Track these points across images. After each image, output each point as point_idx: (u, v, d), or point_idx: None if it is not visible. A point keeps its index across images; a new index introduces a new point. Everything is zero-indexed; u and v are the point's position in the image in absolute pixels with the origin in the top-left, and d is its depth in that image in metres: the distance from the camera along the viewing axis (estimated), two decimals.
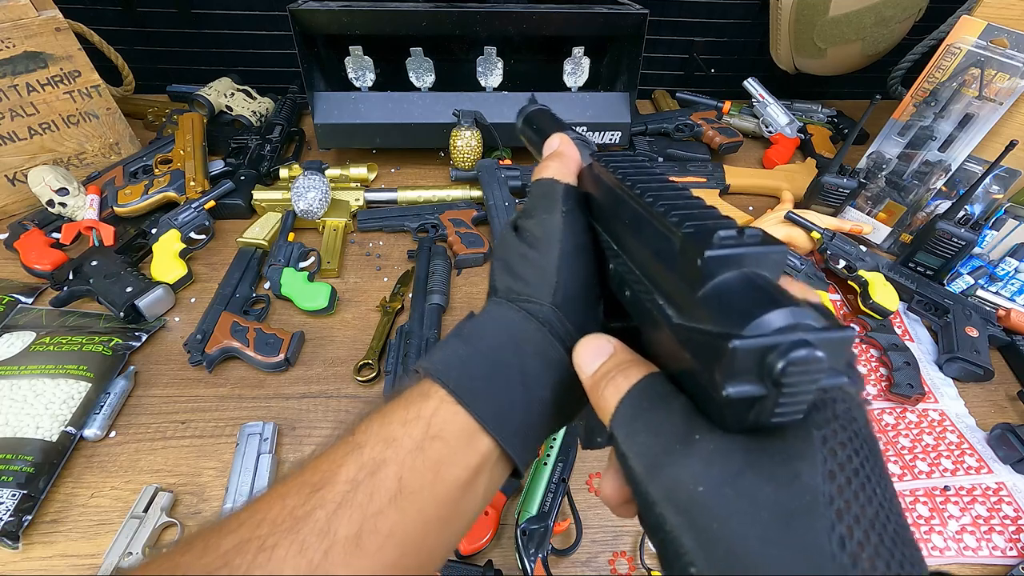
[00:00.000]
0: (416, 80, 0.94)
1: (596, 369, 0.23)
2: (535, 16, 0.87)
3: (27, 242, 0.76)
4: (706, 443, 0.17)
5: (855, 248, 0.81)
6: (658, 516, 0.17)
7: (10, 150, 0.81)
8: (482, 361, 0.26)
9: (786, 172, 1.00)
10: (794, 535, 0.14)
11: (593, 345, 0.24)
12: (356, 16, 0.84)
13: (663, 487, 0.17)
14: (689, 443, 0.17)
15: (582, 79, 0.97)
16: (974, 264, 0.81)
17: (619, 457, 0.20)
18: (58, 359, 0.61)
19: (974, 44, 0.73)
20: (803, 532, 0.14)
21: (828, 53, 1.00)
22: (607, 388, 0.21)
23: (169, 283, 0.73)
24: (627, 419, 0.20)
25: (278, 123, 0.99)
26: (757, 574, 0.14)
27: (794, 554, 0.14)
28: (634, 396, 0.20)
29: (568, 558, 0.54)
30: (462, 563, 0.52)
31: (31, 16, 0.76)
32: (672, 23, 1.16)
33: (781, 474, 0.15)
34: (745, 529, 0.15)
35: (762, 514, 0.15)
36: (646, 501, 0.18)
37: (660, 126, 1.04)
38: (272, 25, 1.11)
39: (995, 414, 0.69)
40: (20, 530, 0.51)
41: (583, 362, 0.24)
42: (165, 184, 0.83)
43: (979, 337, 0.72)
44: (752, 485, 0.15)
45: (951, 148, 0.79)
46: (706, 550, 0.16)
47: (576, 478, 0.59)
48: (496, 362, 0.26)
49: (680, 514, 0.16)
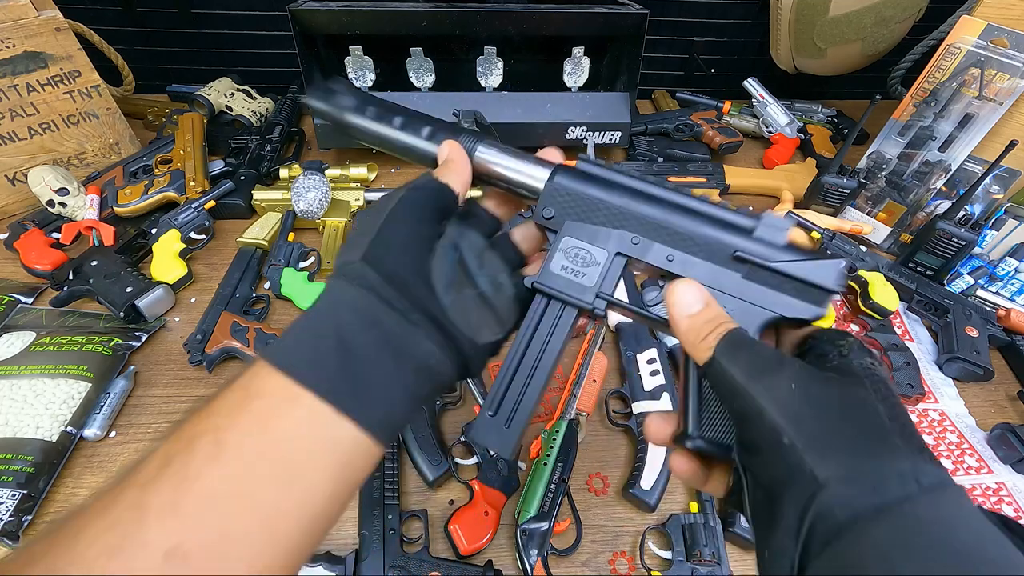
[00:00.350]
0: (416, 80, 0.94)
1: (695, 313, 0.29)
2: (535, 16, 0.87)
3: (27, 242, 0.76)
4: (793, 364, 0.25)
5: (855, 248, 0.81)
6: (758, 407, 0.24)
7: (10, 150, 0.81)
8: (298, 329, 0.27)
9: (786, 172, 1.00)
10: (857, 414, 0.23)
11: (693, 289, 0.29)
12: (356, 16, 0.84)
13: (765, 387, 0.24)
14: (781, 363, 0.25)
15: (582, 79, 0.97)
16: (974, 264, 0.81)
17: (715, 377, 0.26)
18: (58, 359, 0.61)
19: (974, 44, 0.73)
20: (863, 413, 0.23)
21: (828, 53, 1.00)
22: (714, 331, 0.27)
23: (169, 283, 0.73)
24: (730, 349, 0.26)
25: (278, 123, 0.99)
26: (831, 438, 0.22)
27: (855, 425, 0.22)
28: (734, 335, 0.27)
29: (568, 558, 0.54)
30: (462, 563, 0.52)
31: (31, 16, 0.76)
32: (672, 23, 1.15)
33: (844, 382, 0.24)
34: (824, 412, 0.23)
35: (834, 403, 0.23)
36: (747, 396, 0.24)
37: (660, 126, 1.04)
38: (272, 25, 1.10)
39: (995, 414, 0.69)
40: (20, 530, 0.51)
41: (686, 301, 0.29)
42: (165, 184, 0.83)
43: (979, 337, 0.72)
44: (827, 386, 0.24)
45: (951, 148, 0.79)
46: (796, 425, 0.22)
47: (576, 478, 0.59)
48: (311, 326, 0.27)
49: (777, 403, 0.23)
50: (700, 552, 0.53)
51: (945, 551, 0.18)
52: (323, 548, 0.52)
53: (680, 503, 0.58)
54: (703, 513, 0.55)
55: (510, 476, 0.57)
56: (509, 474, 0.57)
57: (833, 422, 0.22)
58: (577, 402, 0.63)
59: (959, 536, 0.19)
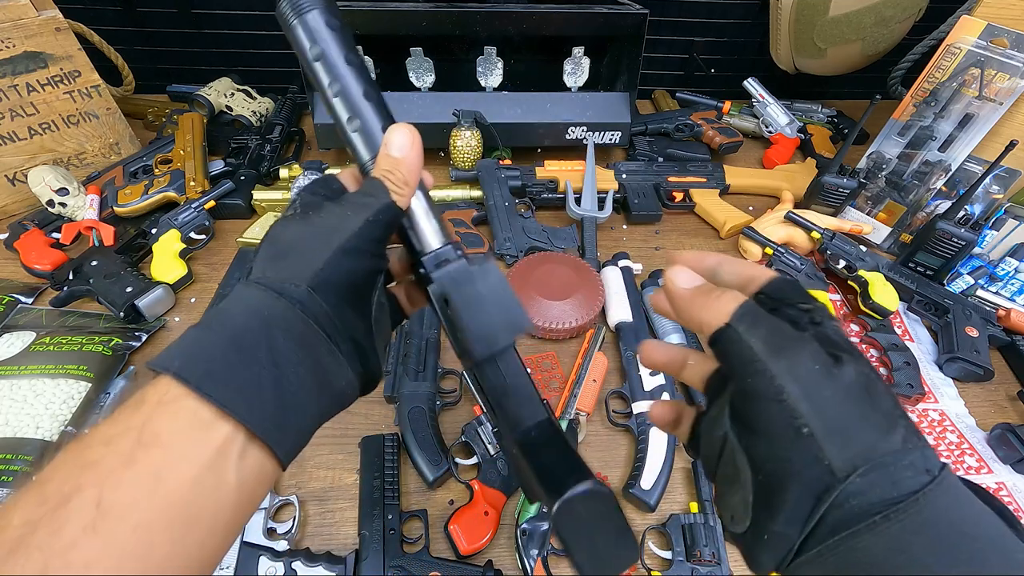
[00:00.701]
0: (416, 80, 0.94)
1: (696, 286, 0.28)
2: (535, 16, 0.87)
3: (27, 242, 0.76)
4: (811, 341, 0.23)
5: (855, 248, 0.81)
6: (777, 386, 0.22)
7: (10, 150, 0.81)
8: (221, 343, 0.24)
9: (786, 172, 1.00)
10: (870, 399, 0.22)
11: (687, 271, 0.28)
12: (356, 16, 0.84)
13: (786, 364, 0.23)
14: (801, 340, 0.23)
15: (582, 79, 0.97)
16: (974, 264, 0.81)
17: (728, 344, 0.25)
18: (58, 359, 0.61)
19: (974, 44, 0.73)
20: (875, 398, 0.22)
21: (828, 53, 1.00)
22: (721, 297, 0.26)
23: (169, 283, 0.73)
24: (748, 319, 0.25)
25: (278, 123, 0.99)
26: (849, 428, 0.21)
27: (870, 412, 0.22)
28: (749, 306, 0.25)
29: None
30: (462, 563, 0.52)
31: (31, 16, 0.76)
32: (672, 23, 1.15)
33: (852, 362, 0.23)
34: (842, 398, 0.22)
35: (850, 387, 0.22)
36: (765, 374, 0.23)
37: (660, 126, 1.04)
38: (272, 25, 1.10)
39: (995, 414, 0.69)
40: None
41: (682, 279, 0.28)
42: (165, 184, 0.83)
43: (979, 337, 0.72)
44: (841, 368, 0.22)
45: (951, 148, 0.79)
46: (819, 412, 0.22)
47: None
48: (239, 342, 0.24)
49: (799, 383, 0.22)
50: (700, 552, 0.53)
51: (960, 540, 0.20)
52: (323, 548, 0.52)
53: (680, 503, 0.58)
54: (703, 513, 0.55)
55: (510, 476, 0.57)
56: (509, 474, 0.57)
57: (850, 409, 0.22)
58: (577, 402, 0.63)
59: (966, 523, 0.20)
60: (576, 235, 0.84)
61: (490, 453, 0.58)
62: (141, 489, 0.21)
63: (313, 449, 0.60)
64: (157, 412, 0.22)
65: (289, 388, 0.24)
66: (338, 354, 0.27)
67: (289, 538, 0.52)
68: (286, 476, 0.58)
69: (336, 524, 0.55)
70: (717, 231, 0.90)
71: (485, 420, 0.59)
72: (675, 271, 0.29)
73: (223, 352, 0.24)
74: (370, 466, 0.56)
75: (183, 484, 0.21)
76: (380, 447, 0.57)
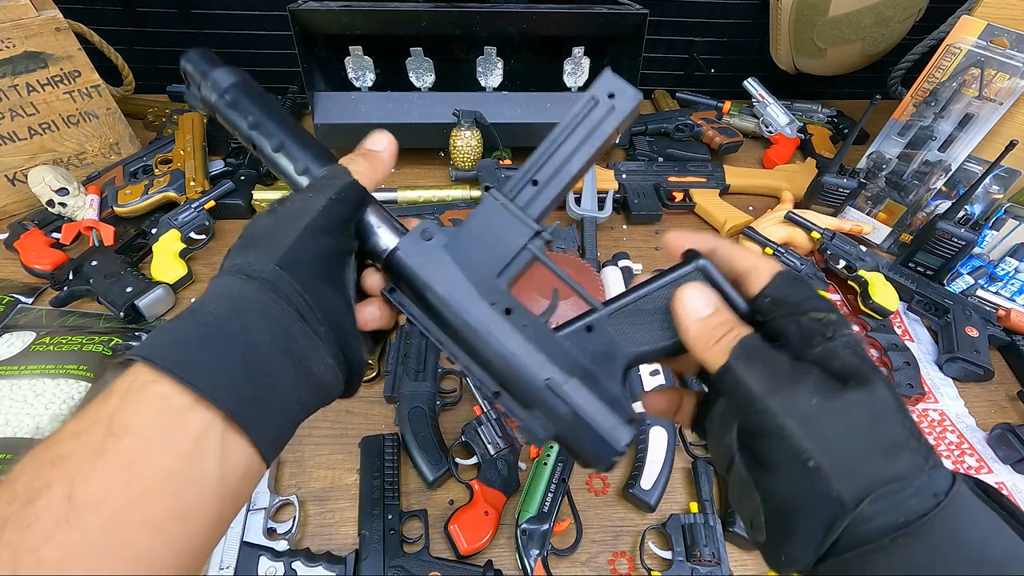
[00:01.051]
0: (416, 80, 0.94)
1: (706, 316, 0.27)
2: (535, 16, 0.87)
3: (27, 242, 0.76)
4: (810, 373, 0.23)
5: (855, 248, 0.81)
6: (779, 425, 0.22)
7: (10, 150, 0.81)
8: (189, 327, 0.24)
9: (786, 172, 1.00)
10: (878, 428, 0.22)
11: (703, 294, 0.27)
12: (356, 16, 0.84)
13: (784, 402, 0.23)
14: (799, 374, 0.23)
15: (582, 79, 0.97)
16: (974, 264, 0.81)
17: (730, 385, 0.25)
18: (58, 359, 0.61)
19: (974, 44, 0.73)
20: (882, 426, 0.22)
21: (828, 53, 1.00)
22: (726, 335, 0.26)
23: (169, 283, 0.73)
24: (745, 357, 0.25)
25: None
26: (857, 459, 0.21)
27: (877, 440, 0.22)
28: (748, 342, 0.25)
29: (568, 558, 0.54)
30: (462, 563, 0.52)
31: (31, 16, 0.76)
32: (672, 23, 1.15)
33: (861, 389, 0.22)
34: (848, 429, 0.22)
35: (856, 417, 0.22)
36: (766, 413, 0.23)
37: (660, 126, 1.04)
38: (272, 25, 1.10)
39: (995, 414, 0.69)
40: None
41: (696, 306, 0.27)
42: (165, 184, 0.83)
43: (979, 337, 0.72)
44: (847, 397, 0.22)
45: (951, 148, 0.79)
46: (822, 446, 0.22)
47: (576, 478, 0.59)
48: (208, 326, 0.24)
49: (799, 420, 0.22)
50: (700, 552, 0.53)
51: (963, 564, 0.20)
52: (323, 548, 0.52)
53: (680, 503, 0.58)
54: (703, 513, 0.55)
55: (510, 476, 0.57)
56: (509, 474, 0.57)
57: (858, 440, 0.22)
58: None
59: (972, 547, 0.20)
60: (576, 235, 0.84)
61: (490, 453, 0.58)
62: (114, 481, 0.20)
63: (313, 449, 0.60)
64: (126, 401, 0.22)
65: (264, 370, 0.24)
66: (313, 336, 0.26)
67: (289, 538, 0.52)
68: (286, 476, 0.58)
69: (336, 524, 0.55)
70: (717, 231, 0.90)
71: (485, 420, 0.59)
72: (688, 293, 0.27)
73: (192, 336, 0.23)
74: (370, 466, 0.56)
75: (159, 475, 0.21)
76: (380, 447, 0.57)
